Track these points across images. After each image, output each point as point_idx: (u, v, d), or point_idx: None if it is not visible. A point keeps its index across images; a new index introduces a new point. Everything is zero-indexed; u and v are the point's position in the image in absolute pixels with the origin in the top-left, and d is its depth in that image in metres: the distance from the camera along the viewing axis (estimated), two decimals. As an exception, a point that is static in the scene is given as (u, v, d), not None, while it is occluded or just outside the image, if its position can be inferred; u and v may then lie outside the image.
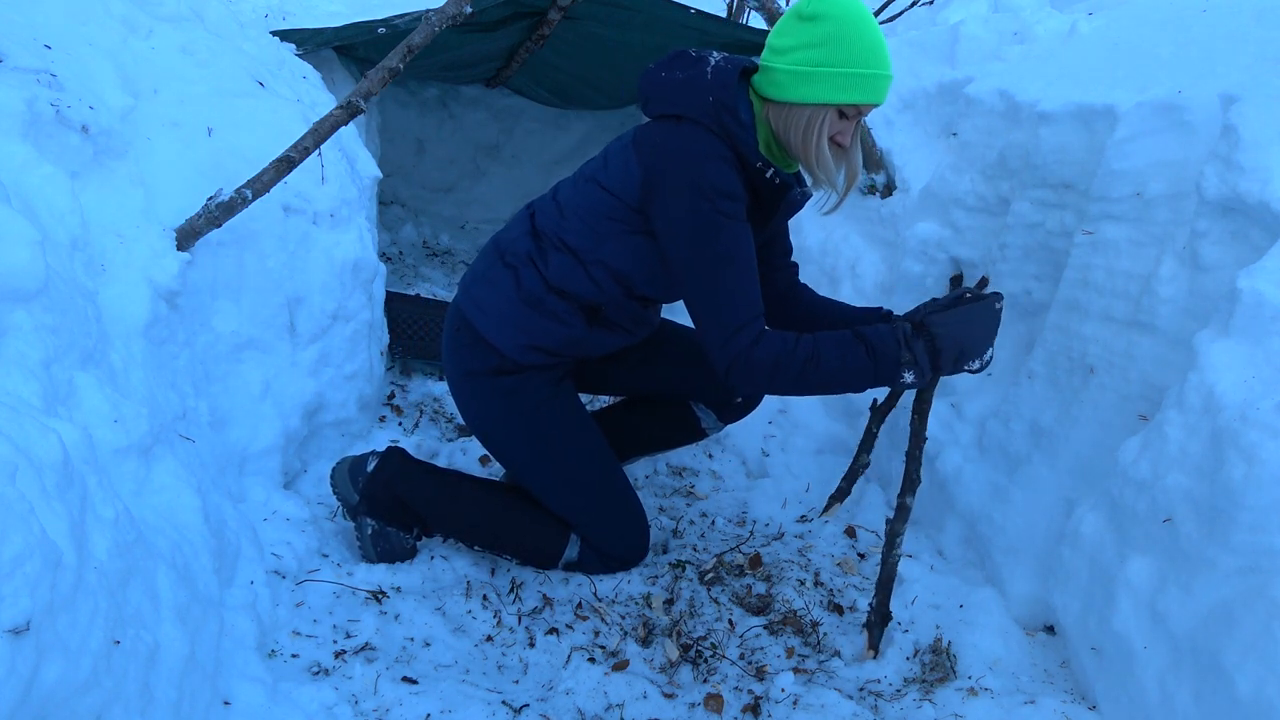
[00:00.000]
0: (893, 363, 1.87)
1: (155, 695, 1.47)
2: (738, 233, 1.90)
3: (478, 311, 2.15)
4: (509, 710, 1.84)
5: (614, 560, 2.30)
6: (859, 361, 1.87)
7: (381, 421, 2.97)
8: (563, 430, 2.21)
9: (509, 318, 2.11)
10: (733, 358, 1.88)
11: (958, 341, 1.90)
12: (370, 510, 2.27)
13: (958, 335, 1.90)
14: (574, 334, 2.12)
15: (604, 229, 2.03)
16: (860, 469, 2.65)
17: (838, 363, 1.87)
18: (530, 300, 2.09)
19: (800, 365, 1.87)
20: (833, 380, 1.89)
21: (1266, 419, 1.51)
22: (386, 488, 2.27)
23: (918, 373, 1.89)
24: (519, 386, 2.15)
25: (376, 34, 3.49)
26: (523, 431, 2.19)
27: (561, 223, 2.09)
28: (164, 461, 1.83)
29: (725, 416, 2.56)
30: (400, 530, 2.28)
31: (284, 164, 2.23)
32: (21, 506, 1.26)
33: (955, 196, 2.62)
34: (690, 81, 1.94)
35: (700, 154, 1.88)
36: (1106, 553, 1.83)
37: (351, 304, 2.70)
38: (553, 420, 2.19)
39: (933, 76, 2.97)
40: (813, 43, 1.84)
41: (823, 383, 1.90)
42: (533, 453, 2.22)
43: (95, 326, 1.85)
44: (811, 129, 1.90)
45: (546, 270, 2.08)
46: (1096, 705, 1.82)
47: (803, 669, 2.04)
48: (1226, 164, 1.77)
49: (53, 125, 2.06)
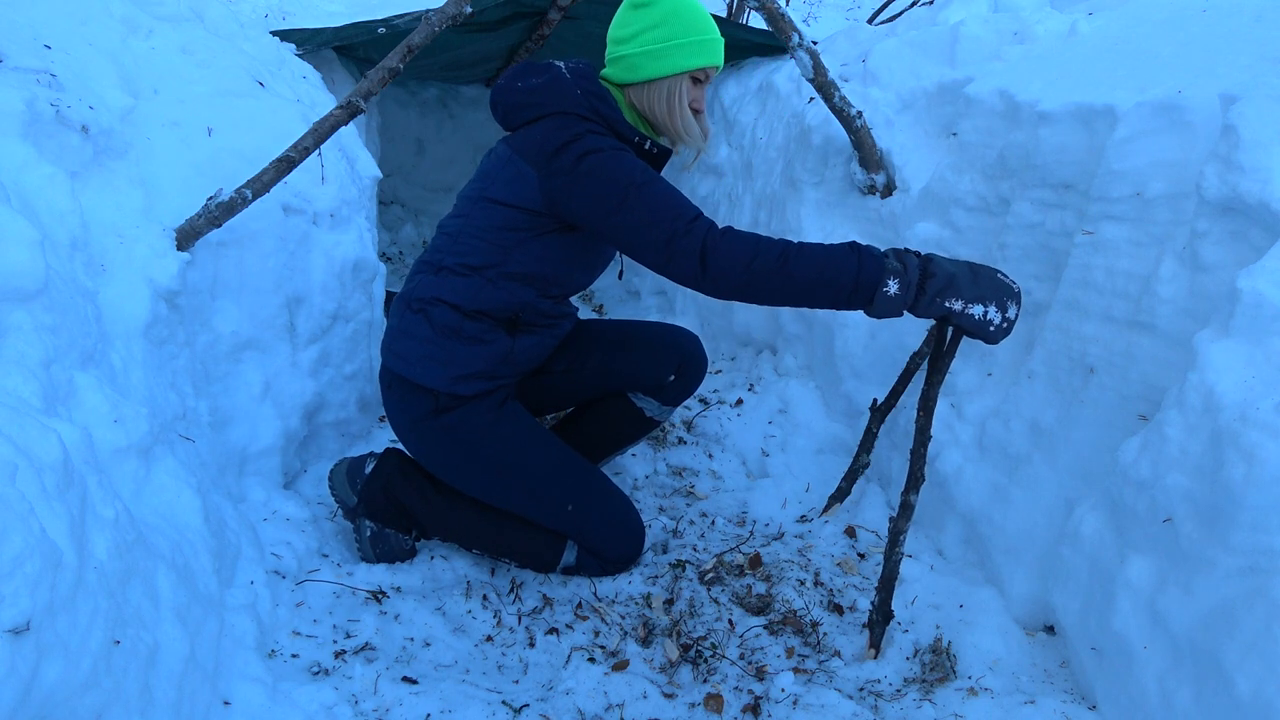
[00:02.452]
0: (878, 265, 1.77)
1: (155, 695, 1.47)
2: (639, 163, 1.98)
3: (402, 363, 2.18)
4: (509, 710, 1.84)
5: (610, 563, 2.30)
6: (843, 256, 1.78)
7: (381, 421, 2.97)
8: (520, 449, 2.22)
9: (433, 356, 2.14)
10: (698, 248, 1.82)
11: (952, 276, 1.78)
12: (368, 512, 2.27)
13: (954, 270, 1.79)
14: (500, 349, 2.16)
15: (507, 240, 2.09)
16: (860, 469, 2.65)
17: (821, 254, 1.79)
18: (448, 332, 2.13)
19: (779, 252, 1.80)
20: (814, 274, 1.78)
21: (1266, 419, 1.51)
22: (384, 490, 2.27)
23: (902, 283, 1.76)
24: (462, 420, 2.17)
25: (376, 34, 3.49)
26: (482, 462, 2.20)
27: (459, 248, 2.14)
28: (164, 461, 1.83)
29: (665, 398, 2.57)
30: (398, 532, 2.28)
31: (284, 164, 2.23)
32: (21, 506, 1.26)
33: (955, 196, 2.62)
34: (553, 83, 2.09)
35: (582, 128, 2.02)
36: (1106, 553, 1.83)
37: (351, 304, 2.71)
38: (507, 442, 2.20)
39: (933, 76, 2.97)
40: (654, 24, 2.08)
41: (804, 275, 1.78)
42: (500, 479, 2.22)
43: (95, 326, 1.85)
44: (674, 98, 2.12)
45: (455, 298, 2.13)
46: (1096, 705, 1.82)
47: (803, 669, 2.04)
48: (1226, 164, 1.77)
49: (53, 125, 2.06)
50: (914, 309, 1.79)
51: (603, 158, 1.95)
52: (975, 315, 1.79)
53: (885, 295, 1.77)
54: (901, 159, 2.91)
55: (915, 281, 1.78)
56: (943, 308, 1.78)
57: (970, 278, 1.79)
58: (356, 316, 2.73)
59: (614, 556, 2.30)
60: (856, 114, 2.88)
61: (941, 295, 1.77)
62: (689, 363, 2.55)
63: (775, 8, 2.83)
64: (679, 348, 2.54)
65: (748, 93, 4.01)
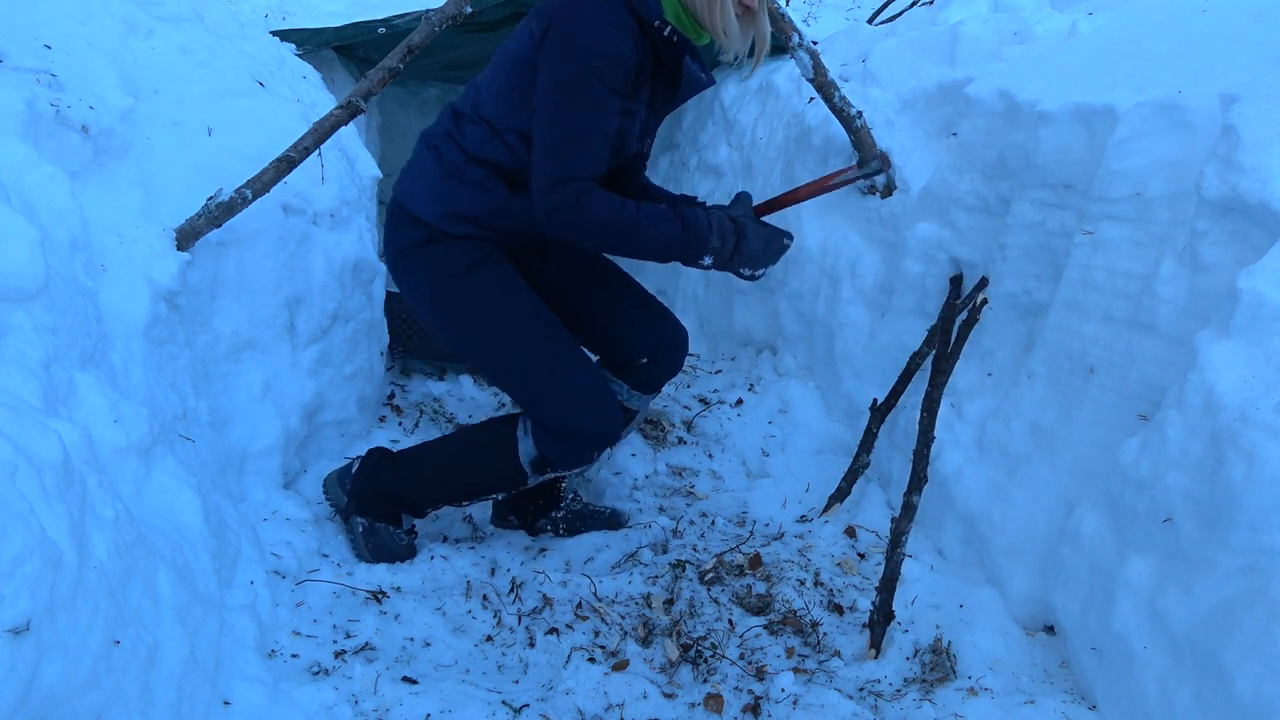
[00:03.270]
0: (701, 245, 2.07)
1: (155, 695, 1.47)
2: (604, 96, 1.98)
3: (406, 195, 2.22)
4: (509, 710, 1.84)
5: (579, 437, 2.21)
6: (673, 235, 2.04)
7: (381, 421, 2.97)
8: (497, 294, 2.19)
9: (434, 190, 2.17)
10: (558, 204, 1.97)
11: (755, 252, 2.13)
12: (358, 508, 2.30)
13: (758, 248, 2.13)
14: (496, 200, 2.16)
15: (515, 98, 2.09)
16: (860, 469, 2.65)
17: (653, 230, 2.03)
18: (452, 172, 2.15)
19: (624, 226, 2.01)
20: (646, 246, 2.05)
21: (1266, 419, 1.51)
22: (369, 481, 2.31)
23: (716, 260, 2.10)
24: (447, 252, 2.18)
25: (376, 34, 3.49)
26: (458, 300, 2.19)
27: (478, 99, 2.17)
28: (164, 461, 1.83)
29: (636, 382, 2.47)
30: (389, 525, 2.30)
31: (284, 164, 2.23)
32: (21, 506, 1.26)
33: (955, 196, 2.62)
34: None
35: (594, 17, 1.98)
36: (1106, 553, 1.83)
37: (351, 304, 2.71)
38: (484, 284, 2.19)
39: (933, 76, 2.97)
40: None
41: (635, 246, 2.05)
42: (469, 320, 2.20)
43: (95, 326, 1.85)
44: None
45: (465, 142, 2.15)
46: (1096, 705, 1.82)
47: (803, 669, 2.04)
48: (1226, 164, 1.77)
49: (53, 125, 2.06)
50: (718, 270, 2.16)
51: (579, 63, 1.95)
52: (752, 275, 2.17)
53: (700, 265, 2.11)
54: (901, 159, 2.91)
55: (726, 257, 2.11)
56: (737, 272, 2.16)
57: (762, 253, 2.14)
58: (356, 316, 2.73)
59: (583, 427, 2.20)
60: (856, 114, 2.88)
61: (742, 266, 2.14)
62: (666, 350, 2.46)
63: (775, 8, 2.83)
64: (662, 332, 2.46)
65: (748, 93, 4.01)
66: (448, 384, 3.35)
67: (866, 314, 2.95)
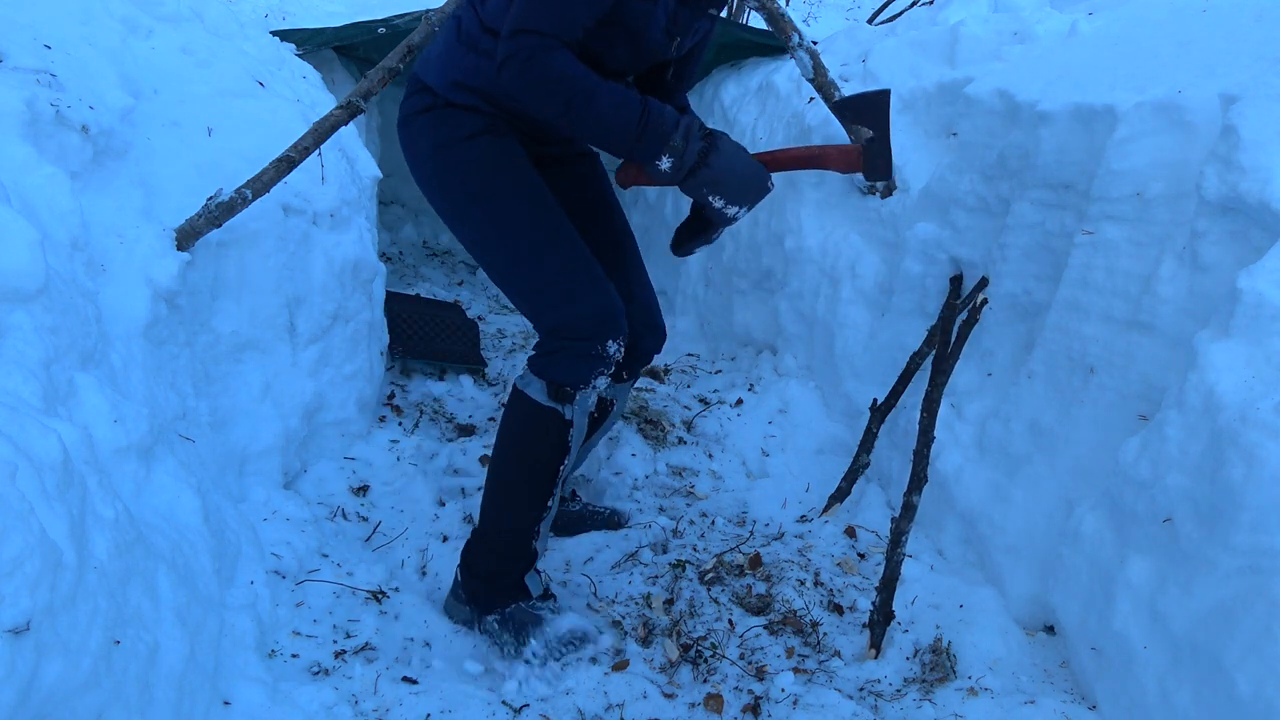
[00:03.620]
0: (659, 139, 1.84)
1: (155, 695, 1.47)
2: None
3: (422, 63, 2.15)
4: (509, 710, 1.84)
5: (576, 331, 2.00)
6: (628, 121, 1.82)
7: (381, 422, 2.97)
8: (494, 165, 2.05)
9: (446, 58, 2.09)
10: (513, 52, 1.81)
11: (725, 172, 1.88)
12: (484, 608, 2.10)
13: (730, 167, 1.88)
14: None
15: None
16: (860, 469, 2.65)
17: (609, 105, 1.82)
18: (467, 41, 2.06)
19: (577, 93, 1.81)
20: (595, 124, 1.84)
21: (1266, 419, 1.51)
22: (469, 571, 2.13)
23: (674, 164, 1.85)
24: (448, 119, 2.07)
25: (376, 34, 3.49)
26: (453, 165, 2.06)
27: None
28: (164, 462, 1.83)
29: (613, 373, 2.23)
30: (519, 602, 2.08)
31: (284, 164, 2.24)
32: (21, 506, 1.26)
33: (955, 196, 2.62)
34: None
35: None
36: (1106, 553, 1.83)
37: (351, 304, 2.71)
38: (483, 153, 2.05)
39: (932, 76, 2.97)
40: None
41: (585, 121, 1.84)
42: (463, 188, 2.07)
43: (95, 327, 1.85)
44: None
45: (483, 11, 2.04)
46: (1096, 705, 1.82)
47: (803, 669, 2.04)
48: (1226, 164, 1.77)
49: (53, 125, 2.06)
50: (681, 186, 1.90)
51: None
52: (723, 210, 1.92)
53: (657, 167, 1.86)
54: (901, 159, 2.91)
55: (688, 165, 1.86)
56: (703, 196, 1.90)
57: (738, 185, 1.90)
58: (356, 317, 2.74)
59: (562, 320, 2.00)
60: (856, 114, 2.88)
61: (707, 187, 1.88)
62: (643, 335, 2.28)
63: (775, 8, 2.83)
64: (644, 315, 2.28)
65: (748, 93, 4.01)
66: (448, 384, 3.35)
67: (866, 314, 2.95)
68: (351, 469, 2.66)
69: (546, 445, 2.05)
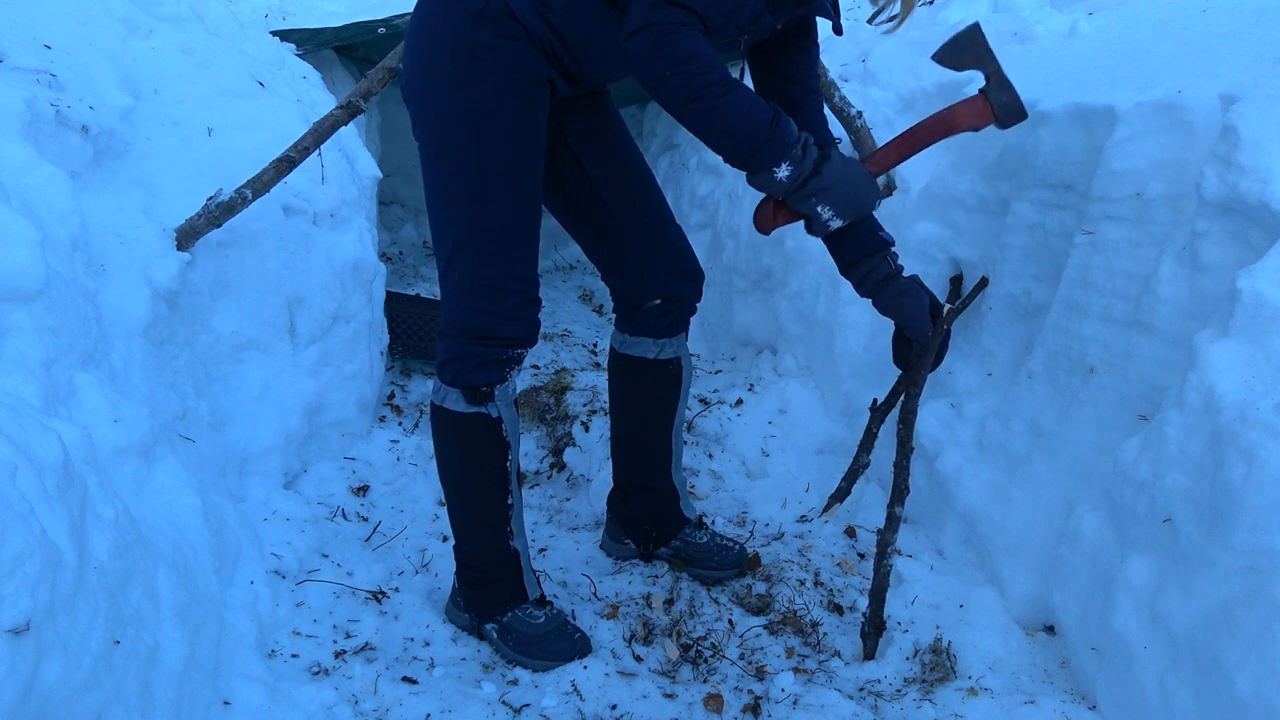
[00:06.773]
0: (785, 144, 1.76)
1: (155, 695, 1.47)
2: None
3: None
4: (509, 710, 1.84)
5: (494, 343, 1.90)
6: (759, 122, 1.74)
7: (381, 421, 2.97)
8: (505, 134, 1.84)
9: None
10: (652, 21, 1.66)
11: (838, 180, 1.82)
12: (481, 615, 2.07)
13: (843, 175, 1.83)
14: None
15: None
16: (860, 469, 2.64)
17: (740, 102, 1.72)
18: None
19: (713, 83, 1.69)
20: (725, 118, 1.74)
21: (1266, 419, 1.51)
22: (465, 584, 2.08)
23: (792, 175, 1.78)
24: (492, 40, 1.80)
25: (376, 34, 3.49)
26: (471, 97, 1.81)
27: None
28: (164, 462, 1.84)
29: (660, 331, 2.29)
30: (515, 609, 2.04)
31: (284, 164, 2.24)
32: (21, 506, 1.26)
33: (955, 196, 2.62)
34: None
35: None
36: (1106, 553, 1.83)
37: (351, 304, 2.71)
38: (504, 113, 1.83)
39: (933, 76, 2.97)
40: None
41: (714, 114, 1.73)
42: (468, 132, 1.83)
43: (95, 327, 1.85)
44: None
45: None
46: (1096, 705, 1.82)
47: (803, 669, 2.04)
48: (1226, 164, 1.77)
49: (53, 125, 2.06)
50: (790, 198, 1.84)
51: None
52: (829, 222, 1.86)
53: (773, 175, 1.79)
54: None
55: (803, 176, 1.80)
56: (811, 207, 1.83)
57: (849, 194, 1.84)
58: (356, 317, 2.74)
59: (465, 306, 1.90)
60: (856, 114, 2.88)
61: (815, 197, 1.82)
62: (680, 283, 2.23)
63: (775, 8, 2.83)
64: (673, 259, 2.20)
65: (748, 93, 4.00)
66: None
67: (866, 314, 2.94)
68: (351, 469, 2.66)
69: (484, 449, 1.97)
